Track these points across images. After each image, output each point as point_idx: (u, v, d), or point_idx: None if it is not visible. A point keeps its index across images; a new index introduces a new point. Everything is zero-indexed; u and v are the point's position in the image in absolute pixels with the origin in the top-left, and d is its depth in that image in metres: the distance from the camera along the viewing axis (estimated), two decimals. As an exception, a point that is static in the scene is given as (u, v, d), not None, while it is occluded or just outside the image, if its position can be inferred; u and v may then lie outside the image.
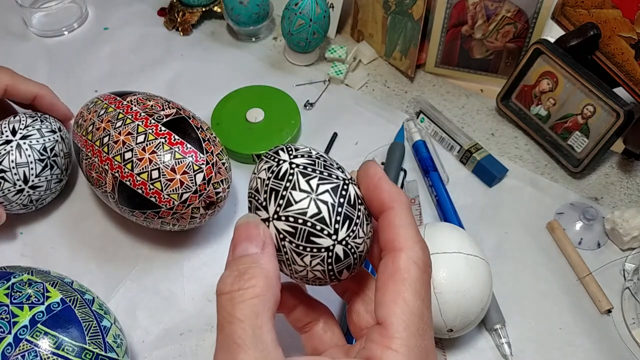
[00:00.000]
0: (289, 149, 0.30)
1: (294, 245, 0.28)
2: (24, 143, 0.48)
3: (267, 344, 0.24)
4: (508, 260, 0.51)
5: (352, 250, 0.28)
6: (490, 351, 0.46)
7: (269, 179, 0.29)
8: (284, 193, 0.28)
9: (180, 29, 0.71)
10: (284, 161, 0.29)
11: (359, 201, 0.29)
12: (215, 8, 0.71)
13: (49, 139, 0.50)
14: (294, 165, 0.29)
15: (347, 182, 0.29)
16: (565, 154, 0.57)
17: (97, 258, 0.51)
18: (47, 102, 0.52)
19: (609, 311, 0.47)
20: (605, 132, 0.53)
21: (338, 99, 0.64)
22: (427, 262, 0.27)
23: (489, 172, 0.55)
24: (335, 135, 0.60)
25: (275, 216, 0.28)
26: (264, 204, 0.29)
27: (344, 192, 0.28)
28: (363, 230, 0.29)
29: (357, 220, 0.28)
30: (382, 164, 0.57)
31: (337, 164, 0.30)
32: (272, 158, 0.30)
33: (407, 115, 0.62)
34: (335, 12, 0.68)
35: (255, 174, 0.31)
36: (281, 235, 0.28)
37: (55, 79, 0.66)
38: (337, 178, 0.29)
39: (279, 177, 0.29)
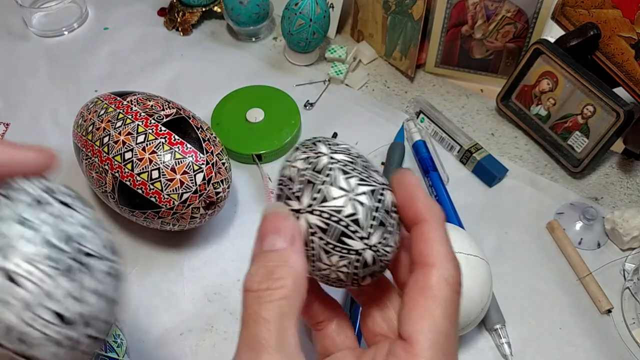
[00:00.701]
0: (328, 142, 0.29)
1: (323, 242, 0.27)
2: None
3: (291, 348, 0.23)
4: (508, 260, 0.51)
5: (381, 258, 0.27)
6: (490, 351, 0.46)
7: (306, 169, 0.28)
8: (321, 187, 0.27)
9: (180, 29, 0.71)
10: (324, 154, 0.28)
11: (394, 208, 0.28)
12: (215, 8, 0.71)
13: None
14: (334, 161, 0.28)
15: (384, 186, 0.28)
16: (565, 154, 0.57)
17: (97, 258, 0.51)
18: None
19: (609, 311, 0.47)
20: (605, 132, 0.53)
21: (338, 99, 0.64)
22: (459, 281, 0.27)
23: (489, 172, 0.55)
24: (335, 135, 0.60)
25: (309, 209, 0.27)
26: (297, 194, 0.28)
27: (380, 197, 0.27)
28: (394, 240, 0.28)
29: (390, 228, 0.28)
30: (382, 164, 0.57)
31: (374, 166, 0.29)
32: (311, 149, 0.29)
33: (407, 115, 0.62)
34: (335, 12, 0.68)
35: (289, 162, 0.30)
36: (312, 230, 0.27)
37: (55, 79, 0.66)
38: (376, 181, 0.28)
39: (317, 169, 0.28)
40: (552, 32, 0.60)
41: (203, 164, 0.45)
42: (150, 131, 0.45)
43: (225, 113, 0.59)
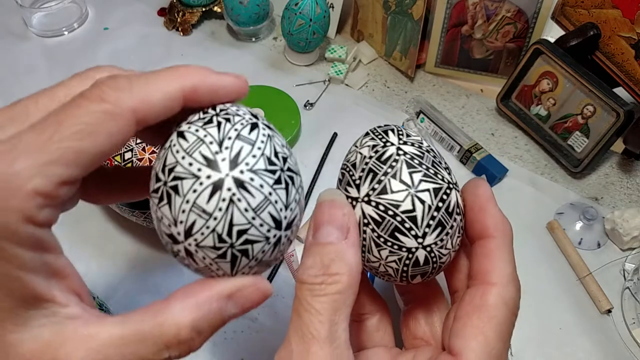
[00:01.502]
0: (400, 132, 0.28)
1: (375, 234, 0.26)
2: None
3: (341, 342, 0.23)
4: (508, 260, 0.51)
5: (434, 259, 0.26)
6: (490, 351, 0.46)
7: (370, 157, 0.27)
8: (383, 178, 0.26)
9: (180, 29, 0.71)
10: (392, 144, 0.27)
11: (458, 210, 0.27)
12: (215, 8, 0.71)
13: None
14: (400, 152, 0.27)
15: (451, 186, 0.27)
16: (565, 154, 0.57)
17: (97, 258, 0.51)
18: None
19: (609, 311, 0.47)
20: (605, 132, 0.53)
21: (338, 99, 0.64)
22: (517, 304, 0.26)
23: (489, 172, 0.55)
24: (335, 135, 0.60)
25: (366, 199, 0.26)
26: (357, 182, 0.27)
27: (445, 197, 0.26)
28: (452, 242, 0.27)
29: (450, 230, 0.26)
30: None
31: (445, 163, 0.28)
32: (380, 137, 0.28)
33: (407, 115, 0.62)
34: (335, 12, 0.68)
35: (356, 147, 0.29)
36: (365, 220, 0.26)
37: (55, 79, 0.66)
38: (442, 179, 0.27)
39: (382, 159, 0.27)
40: (552, 32, 0.60)
41: (203, 164, 0.45)
42: (150, 131, 0.45)
43: (225, 113, 0.59)
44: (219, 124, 0.23)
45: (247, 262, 0.23)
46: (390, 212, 0.26)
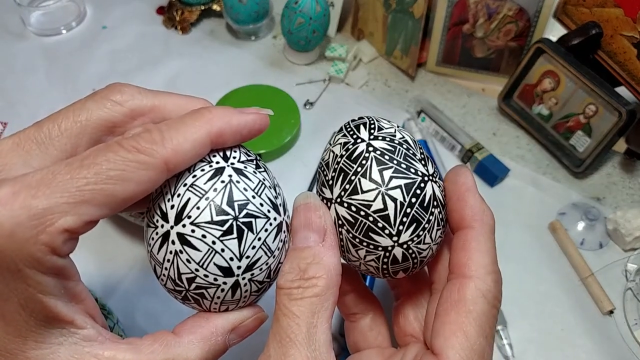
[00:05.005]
0: (372, 126, 0.27)
1: (350, 235, 0.26)
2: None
3: (320, 345, 0.23)
4: (509, 260, 0.50)
5: (413, 255, 0.26)
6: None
7: (341, 156, 0.26)
8: (353, 178, 0.26)
9: (179, 28, 0.71)
10: (362, 140, 0.26)
11: (435, 203, 0.26)
12: (215, 6, 0.71)
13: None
14: (370, 149, 0.26)
15: (426, 178, 0.26)
16: (567, 153, 0.57)
17: (95, 259, 0.50)
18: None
19: (611, 312, 0.47)
20: (607, 132, 0.52)
21: (338, 98, 0.64)
22: (497, 296, 0.26)
23: (490, 172, 0.55)
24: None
25: (339, 200, 0.26)
26: (330, 182, 0.27)
27: (418, 191, 0.25)
28: (431, 236, 0.26)
29: (427, 225, 0.26)
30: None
31: (421, 154, 0.27)
32: (351, 133, 0.27)
33: (407, 114, 0.62)
34: (336, 10, 0.67)
35: (330, 145, 0.28)
36: (340, 222, 0.26)
37: (53, 78, 0.66)
38: (416, 173, 0.26)
39: (352, 158, 0.26)
40: (554, 31, 0.60)
41: (202, 164, 0.45)
42: (149, 131, 0.45)
43: (224, 112, 0.59)
44: (179, 174, 0.24)
45: (209, 303, 0.24)
46: (362, 213, 0.25)
